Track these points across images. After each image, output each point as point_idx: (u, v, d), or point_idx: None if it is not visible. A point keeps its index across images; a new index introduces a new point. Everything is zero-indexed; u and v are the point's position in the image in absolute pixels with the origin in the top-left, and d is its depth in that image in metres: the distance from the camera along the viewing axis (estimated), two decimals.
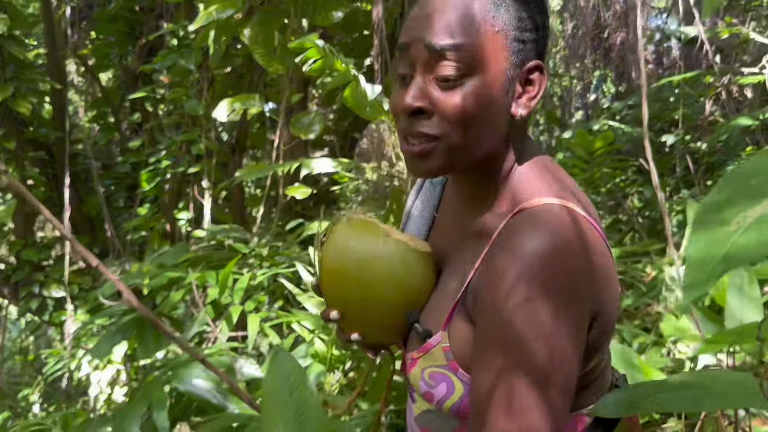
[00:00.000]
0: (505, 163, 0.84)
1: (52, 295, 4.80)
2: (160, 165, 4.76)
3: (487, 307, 0.74)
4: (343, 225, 0.87)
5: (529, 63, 0.80)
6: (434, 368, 0.81)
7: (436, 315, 0.83)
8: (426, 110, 0.78)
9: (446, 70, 0.76)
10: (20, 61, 4.71)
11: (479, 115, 0.77)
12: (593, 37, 7.84)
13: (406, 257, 0.84)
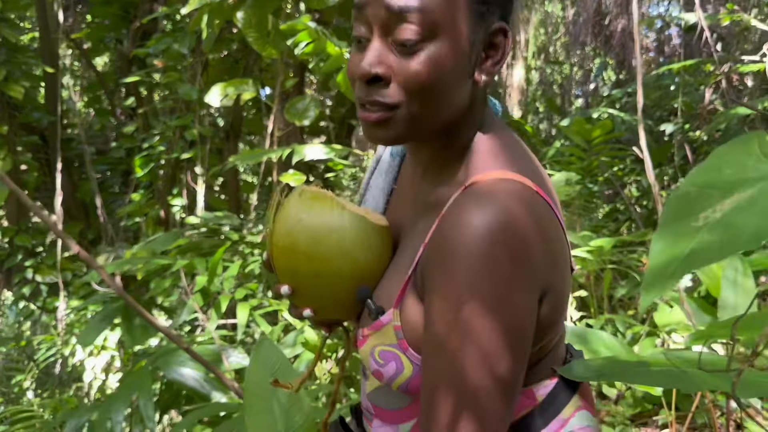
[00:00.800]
0: (465, 132, 0.81)
1: (45, 281, 4.78)
2: (153, 150, 4.73)
3: (435, 286, 0.71)
4: (295, 198, 0.82)
5: (493, 26, 0.76)
6: (384, 347, 0.79)
7: (388, 292, 0.80)
8: (383, 77, 0.73)
9: (405, 34, 0.71)
10: (13, 45, 4.66)
11: (439, 83, 0.73)
12: (594, 24, 7.77)
13: (361, 231, 0.80)
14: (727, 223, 0.40)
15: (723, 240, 0.39)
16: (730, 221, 0.40)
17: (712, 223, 0.41)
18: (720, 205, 0.42)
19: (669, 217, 0.44)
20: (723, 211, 0.41)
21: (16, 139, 4.85)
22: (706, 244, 0.40)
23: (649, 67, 6.89)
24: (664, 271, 0.40)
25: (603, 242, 2.83)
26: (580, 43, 8.17)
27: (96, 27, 5.62)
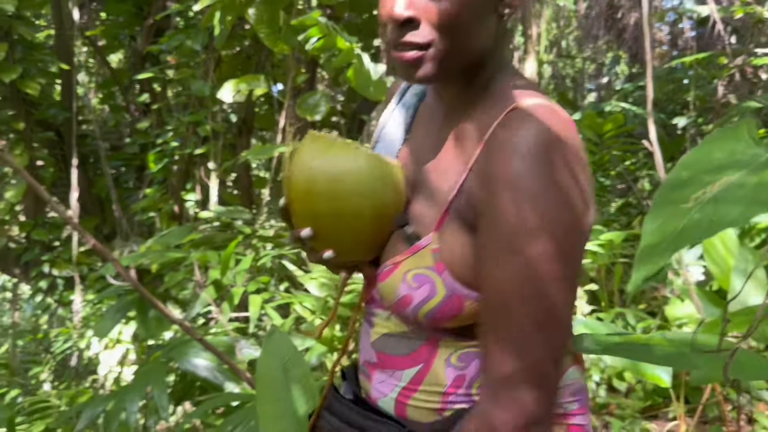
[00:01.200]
0: (492, 68, 0.85)
1: (62, 275, 4.84)
2: (167, 146, 4.77)
3: (497, 203, 0.74)
4: (310, 143, 0.85)
5: None
6: (419, 270, 0.82)
7: (422, 220, 0.84)
8: (414, 19, 0.78)
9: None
10: (29, 42, 4.71)
11: (466, 19, 0.78)
12: (607, 18, 7.73)
13: (377, 169, 0.83)
14: (716, 202, 0.42)
15: (713, 218, 0.41)
16: (720, 199, 0.42)
17: (703, 203, 0.42)
18: (710, 187, 0.44)
19: (662, 198, 0.46)
20: (713, 192, 0.43)
21: (32, 135, 4.91)
22: (696, 222, 0.41)
23: (662, 61, 6.84)
24: (655, 249, 0.42)
25: (613, 236, 2.83)
26: (593, 36, 8.13)
27: (110, 24, 5.66)
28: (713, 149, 0.47)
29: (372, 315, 0.95)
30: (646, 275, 0.42)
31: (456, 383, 0.86)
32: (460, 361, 0.87)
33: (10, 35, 4.65)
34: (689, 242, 0.40)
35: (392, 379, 0.90)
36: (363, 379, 0.97)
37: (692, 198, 0.44)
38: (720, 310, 2.36)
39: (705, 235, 0.40)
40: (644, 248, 0.43)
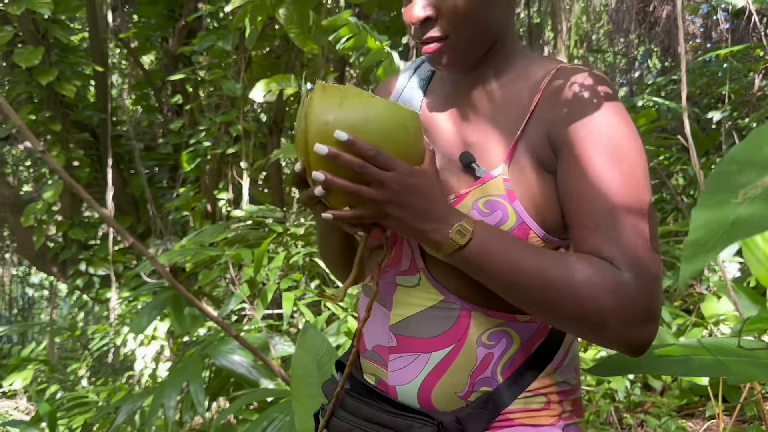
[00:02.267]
0: (509, 44, 0.94)
1: (98, 273, 4.95)
2: (200, 146, 4.84)
3: (586, 130, 0.83)
4: (320, 95, 0.79)
5: None
6: (491, 197, 0.86)
7: (486, 156, 0.89)
8: (432, 17, 0.87)
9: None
10: (64, 45, 4.81)
11: (478, 10, 0.87)
12: (638, 11, 7.61)
13: (396, 115, 0.79)
14: (765, 200, 0.41)
15: (764, 214, 0.40)
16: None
17: (752, 199, 0.42)
18: (760, 181, 0.43)
19: (710, 192, 0.46)
20: (763, 187, 0.43)
21: (68, 136, 5.02)
22: (746, 217, 0.41)
23: (695, 54, 6.72)
24: (705, 244, 0.42)
25: None
26: (624, 30, 8.01)
27: (143, 26, 5.76)
28: (762, 143, 0.47)
29: (389, 290, 0.93)
30: (695, 270, 0.42)
31: (484, 363, 0.87)
32: (491, 339, 0.87)
33: (46, 38, 4.76)
34: (739, 238, 0.40)
35: (416, 363, 0.89)
36: (372, 365, 0.95)
37: (741, 193, 0.44)
38: (759, 307, 2.31)
39: (756, 230, 0.40)
40: (692, 243, 0.42)
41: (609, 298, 0.76)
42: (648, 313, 0.76)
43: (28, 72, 4.59)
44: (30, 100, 4.92)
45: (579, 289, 0.77)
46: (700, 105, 5.41)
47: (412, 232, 0.81)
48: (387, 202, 0.78)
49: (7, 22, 4.77)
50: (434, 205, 0.80)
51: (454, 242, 0.79)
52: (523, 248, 0.80)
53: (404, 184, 0.78)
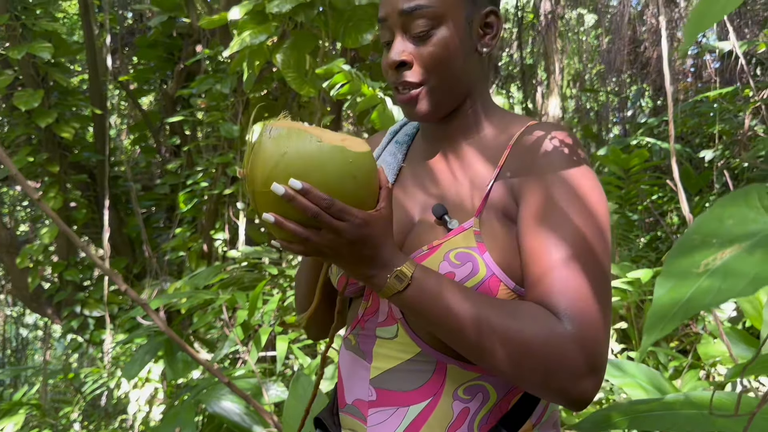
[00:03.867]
0: (481, 101, 0.99)
1: (92, 315, 4.92)
2: (197, 186, 4.87)
3: (546, 182, 0.86)
4: (267, 137, 0.77)
5: (485, 9, 0.96)
6: (462, 249, 0.87)
7: (459, 209, 0.92)
8: (407, 62, 0.93)
9: (417, 27, 0.91)
10: (64, 88, 4.88)
11: (450, 58, 0.92)
12: (629, 52, 7.74)
13: (343, 161, 0.76)
14: (726, 270, 0.43)
15: (721, 287, 0.42)
16: (729, 269, 0.43)
17: (712, 270, 0.44)
18: (721, 254, 0.45)
19: (673, 262, 0.47)
20: (723, 260, 0.44)
21: (66, 177, 5.05)
22: (705, 289, 0.43)
23: (686, 93, 6.81)
24: (666, 314, 0.43)
25: (642, 274, 2.80)
26: (616, 70, 8.14)
27: (142, 69, 5.85)
28: (725, 215, 0.49)
29: (369, 343, 0.94)
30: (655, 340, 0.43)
31: (461, 417, 0.87)
32: (466, 393, 0.88)
33: (46, 81, 4.83)
34: (698, 309, 0.42)
35: (395, 417, 0.89)
36: (351, 420, 0.95)
37: (703, 264, 0.45)
38: (753, 350, 2.31)
39: (713, 303, 0.42)
40: (654, 312, 0.44)
41: (540, 347, 0.75)
42: (587, 367, 0.75)
43: (27, 114, 4.64)
44: (28, 141, 4.97)
45: (514, 336, 0.76)
46: (692, 144, 5.47)
47: (354, 275, 0.82)
48: (336, 249, 0.78)
49: (7, 65, 4.84)
50: (380, 251, 0.80)
51: (392, 287, 0.80)
52: (463, 294, 0.80)
53: (355, 234, 0.78)
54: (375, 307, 0.95)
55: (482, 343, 0.77)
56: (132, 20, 6.85)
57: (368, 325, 0.95)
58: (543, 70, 7.93)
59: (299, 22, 3.63)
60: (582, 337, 0.75)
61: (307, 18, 3.57)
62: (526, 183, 0.88)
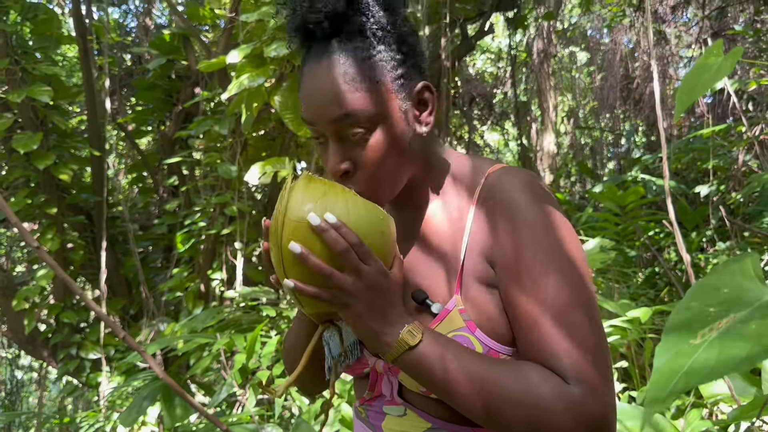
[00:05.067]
0: (435, 168, 0.96)
1: (89, 357, 4.87)
2: (195, 226, 4.88)
3: (518, 241, 0.83)
4: (304, 184, 0.81)
5: (416, 87, 0.90)
6: (453, 332, 0.85)
7: (439, 290, 0.89)
8: (349, 170, 0.88)
9: (351, 134, 0.86)
10: (62, 131, 4.91)
11: (393, 155, 0.88)
12: (622, 88, 7.86)
13: (374, 216, 0.81)
14: (722, 343, 0.44)
15: (718, 360, 0.42)
16: (725, 342, 0.43)
17: (709, 342, 0.44)
18: (717, 324, 0.46)
19: (671, 331, 0.48)
20: (719, 330, 0.45)
21: (63, 218, 5.05)
22: (702, 362, 0.43)
23: (680, 129, 6.89)
24: (665, 386, 0.44)
25: (641, 313, 2.80)
26: (609, 106, 8.24)
27: (140, 110, 5.91)
28: (720, 282, 0.49)
29: (379, 418, 0.93)
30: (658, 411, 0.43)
31: None
32: None
33: (45, 124, 4.87)
34: (697, 383, 0.42)
35: None
36: None
37: (699, 334, 0.46)
38: (756, 389, 2.29)
39: (711, 377, 0.42)
40: (655, 384, 0.44)
41: (563, 410, 0.75)
42: (603, 421, 0.75)
43: (25, 156, 4.67)
44: (27, 183, 4.99)
45: (526, 396, 0.76)
46: (687, 179, 5.52)
47: (365, 331, 0.81)
48: (354, 294, 0.78)
49: (7, 108, 4.89)
50: (393, 307, 0.81)
51: (405, 342, 0.79)
52: (472, 354, 0.80)
53: (376, 281, 0.79)
54: (379, 394, 0.94)
55: (495, 404, 0.77)
56: (130, 62, 6.94)
57: (376, 404, 0.95)
58: (537, 107, 8.02)
59: (297, 64, 3.69)
60: (591, 397, 0.75)
61: None
62: (497, 246, 0.85)
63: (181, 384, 2.64)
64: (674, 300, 4.04)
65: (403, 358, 0.80)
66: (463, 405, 0.79)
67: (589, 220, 4.77)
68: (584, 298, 0.80)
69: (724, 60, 0.54)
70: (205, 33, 5.74)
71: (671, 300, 4.07)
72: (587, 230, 4.53)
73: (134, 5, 7.31)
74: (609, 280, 3.86)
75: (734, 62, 0.55)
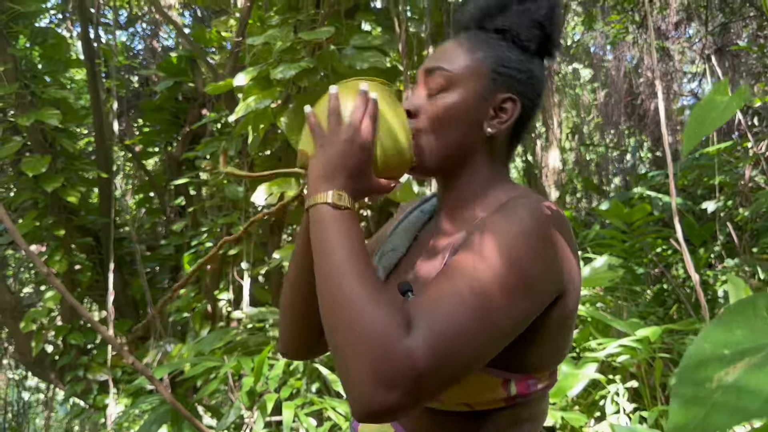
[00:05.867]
0: (484, 179, 0.99)
1: (96, 378, 4.87)
2: (202, 247, 4.89)
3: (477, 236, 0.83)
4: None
5: (504, 94, 0.97)
6: None
7: (423, 284, 0.90)
8: (412, 112, 0.97)
9: (432, 84, 0.97)
10: (70, 153, 4.95)
11: (449, 118, 0.95)
12: (626, 104, 7.87)
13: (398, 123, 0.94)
14: (739, 388, 0.43)
15: (736, 406, 0.42)
16: (742, 387, 0.43)
17: (725, 387, 0.44)
18: (732, 368, 0.45)
19: (686, 374, 0.48)
20: (735, 375, 0.45)
21: (71, 240, 5.07)
22: (720, 408, 0.43)
23: None
24: None
25: (650, 333, 2.79)
26: (614, 123, 8.25)
27: (148, 132, 5.95)
28: (733, 325, 0.49)
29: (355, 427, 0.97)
30: None
31: None
32: None
33: (53, 146, 4.91)
34: (715, 429, 0.42)
35: None
36: None
37: (716, 378, 0.46)
38: None
39: (730, 423, 0.42)
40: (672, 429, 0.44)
41: (369, 340, 0.71)
42: (402, 380, 0.70)
43: (34, 179, 4.70)
44: (35, 205, 5.01)
45: (354, 317, 0.74)
46: (694, 195, 5.50)
47: (313, 169, 0.88)
48: (324, 138, 0.90)
49: (16, 132, 4.93)
50: (343, 173, 0.87)
51: (325, 196, 0.85)
52: (360, 258, 0.80)
53: (344, 141, 0.88)
54: None
55: (330, 294, 0.78)
56: (138, 84, 7.00)
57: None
58: (541, 124, 8.04)
59: (303, 86, 3.72)
60: (414, 355, 0.71)
61: (310, 83, 3.66)
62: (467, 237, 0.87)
63: (189, 407, 2.63)
64: (683, 317, 4.01)
65: (316, 209, 0.85)
66: (319, 287, 0.81)
67: (597, 237, 4.76)
68: (489, 302, 0.76)
69: (731, 99, 0.54)
70: (212, 55, 5.79)
71: (680, 318, 4.04)
72: (594, 247, 4.51)
73: (141, 28, 7.39)
74: (618, 298, 3.85)
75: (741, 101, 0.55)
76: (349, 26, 4.35)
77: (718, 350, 0.48)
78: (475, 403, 0.85)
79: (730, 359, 0.46)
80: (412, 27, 5.05)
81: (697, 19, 6.64)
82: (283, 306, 1.07)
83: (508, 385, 0.85)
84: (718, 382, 0.45)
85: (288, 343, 1.07)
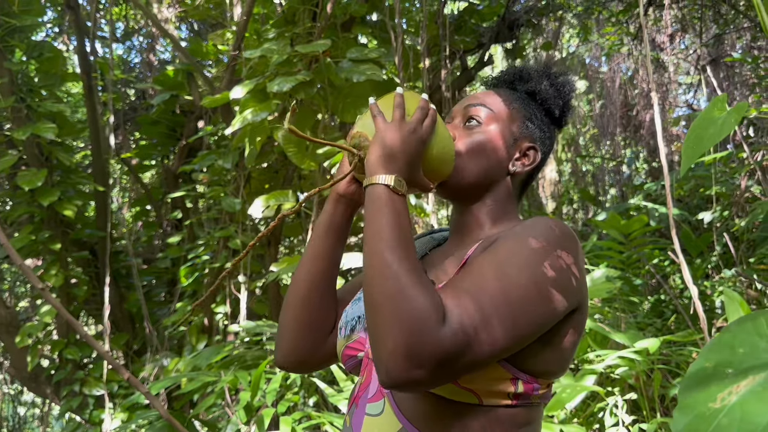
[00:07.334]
0: (500, 208, 1.09)
1: (92, 393, 4.83)
2: (198, 260, 4.87)
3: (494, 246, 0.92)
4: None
5: (530, 143, 1.10)
6: None
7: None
8: None
9: (471, 117, 1.09)
10: (66, 167, 4.94)
11: (485, 148, 1.07)
12: (622, 116, 7.90)
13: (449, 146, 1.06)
14: (743, 408, 0.43)
15: (741, 426, 0.42)
16: (746, 407, 0.43)
17: (729, 407, 0.44)
18: (735, 386, 0.45)
19: (688, 392, 0.47)
20: (738, 394, 0.44)
21: (67, 254, 5.05)
22: (724, 428, 0.42)
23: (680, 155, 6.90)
24: None
25: (649, 344, 2.78)
26: (610, 133, 8.27)
27: (144, 145, 5.94)
28: (736, 341, 0.49)
29: (359, 422, 0.96)
30: None
31: None
32: None
33: (49, 160, 4.90)
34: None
35: None
36: None
37: (719, 398, 0.45)
38: None
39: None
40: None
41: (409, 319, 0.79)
42: (429, 362, 0.78)
43: (30, 193, 4.69)
44: (31, 219, 4.99)
45: (400, 295, 0.81)
46: (690, 206, 5.51)
47: (374, 153, 0.95)
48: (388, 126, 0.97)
49: (12, 146, 4.92)
50: (404, 159, 0.95)
51: (388, 179, 0.92)
52: (407, 243, 0.88)
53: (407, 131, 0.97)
54: (368, 382, 0.99)
55: (379, 268, 0.85)
56: (134, 97, 7.01)
57: (361, 402, 0.99)
58: None
59: (299, 98, 3.72)
60: (443, 340, 0.79)
61: (307, 95, 3.67)
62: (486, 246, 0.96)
63: (186, 422, 2.61)
64: (681, 328, 4.00)
65: (375, 188, 0.92)
66: (367, 256, 0.88)
67: (594, 248, 4.76)
68: (513, 312, 0.83)
69: (728, 115, 0.54)
70: (209, 69, 5.81)
71: (678, 329, 4.04)
72: (592, 259, 4.51)
73: (138, 41, 7.41)
74: (616, 309, 3.84)
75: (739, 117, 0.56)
76: (346, 39, 4.37)
77: (721, 369, 0.48)
78: (484, 392, 0.89)
79: (734, 378, 0.46)
80: (408, 40, 5.08)
81: (691, 31, 6.68)
82: (290, 304, 1.11)
83: (516, 382, 0.91)
84: (722, 401, 0.45)
85: (288, 353, 1.11)
